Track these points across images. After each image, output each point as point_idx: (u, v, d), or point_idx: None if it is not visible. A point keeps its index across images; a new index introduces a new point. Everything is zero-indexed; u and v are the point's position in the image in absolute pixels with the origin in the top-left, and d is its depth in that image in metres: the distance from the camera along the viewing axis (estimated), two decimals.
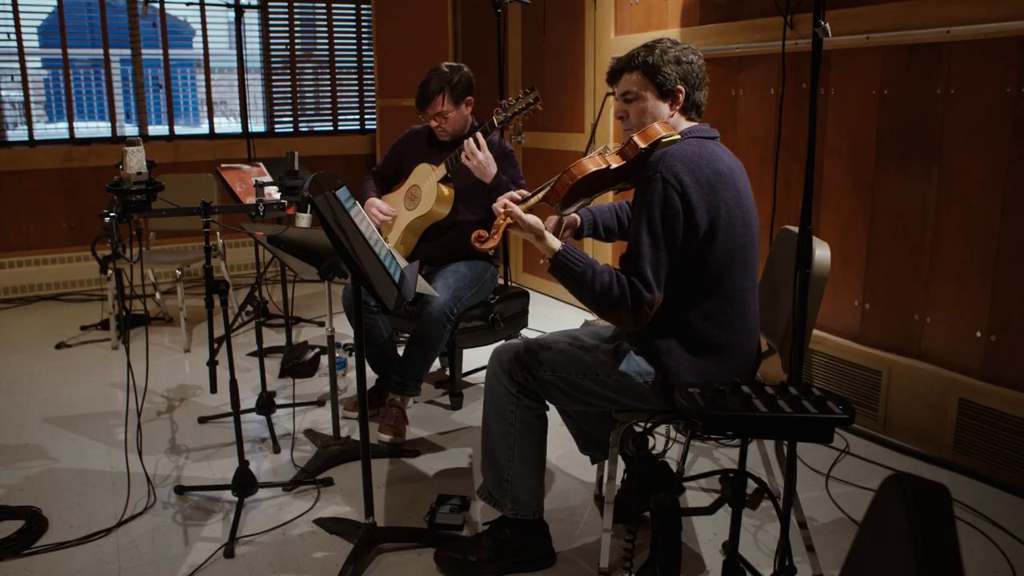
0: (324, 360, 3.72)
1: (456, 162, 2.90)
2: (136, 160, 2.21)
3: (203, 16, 5.30)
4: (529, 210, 1.95)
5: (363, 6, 5.77)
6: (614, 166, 1.87)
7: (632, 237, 1.82)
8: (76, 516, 2.39)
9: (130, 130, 5.35)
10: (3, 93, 4.91)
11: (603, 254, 4.46)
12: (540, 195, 1.95)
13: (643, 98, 1.93)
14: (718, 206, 1.81)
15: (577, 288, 1.85)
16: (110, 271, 3.79)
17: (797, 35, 3.08)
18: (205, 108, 5.49)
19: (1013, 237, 2.51)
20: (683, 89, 1.91)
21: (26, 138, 4.96)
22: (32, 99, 4.93)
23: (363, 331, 2.11)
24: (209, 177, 4.34)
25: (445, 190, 2.99)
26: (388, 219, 3.11)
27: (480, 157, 2.80)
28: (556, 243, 1.89)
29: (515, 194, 2.01)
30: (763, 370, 3.21)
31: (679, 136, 1.88)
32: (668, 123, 1.91)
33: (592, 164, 1.86)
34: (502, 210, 1.93)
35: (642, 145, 1.85)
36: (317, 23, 5.73)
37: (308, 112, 5.84)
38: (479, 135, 2.82)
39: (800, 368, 1.86)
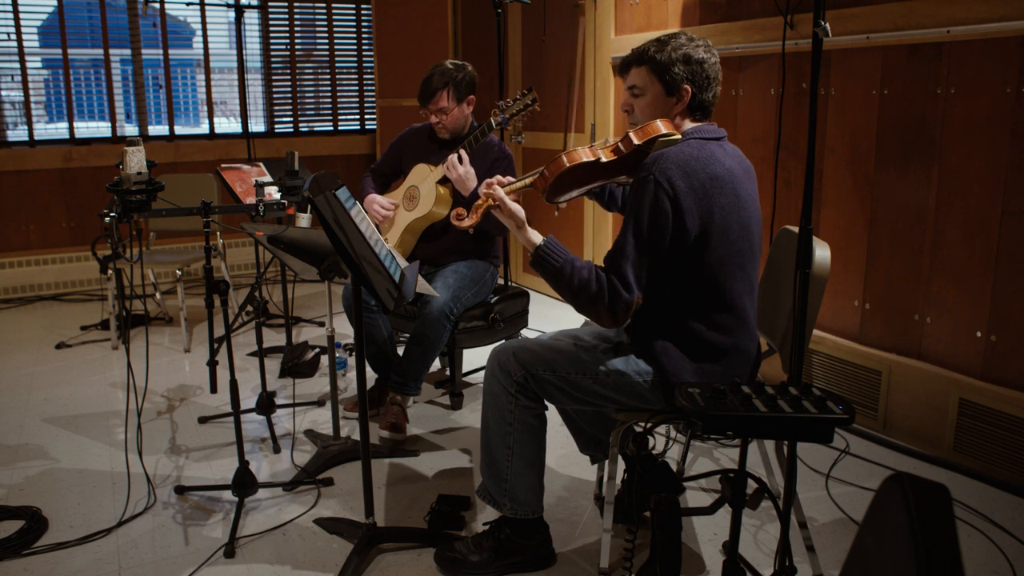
0: (324, 360, 3.72)
1: None
2: (136, 160, 2.20)
3: (203, 16, 5.30)
4: (518, 198, 1.95)
5: (363, 6, 5.77)
6: (604, 160, 1.85)
7: (619, 235, 1.82)
8: (76, 516, 2.39)
9: (130, 130, 5.35)
10: (3, 93, 4.91)
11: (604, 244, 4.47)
12: (528, 180, 1.94)
13: (648, 94, 1.92)
14: (711, 211, 1.79)
15: (556, 282, 1.86)
16: (110, 271, 3.79)
17: (797, 35, 3.08)
18: (205, 108, 5.49)
19: (1013, 237, 2.51)
20: (689, 89, 1.89)
21: (26, 138, 4.96)
22: (32, 99, 4.93)
23: (363, 331, 2.11)
24: (209, 177, 4.34)
25: (443, 191, 2.99)
26: (390, 214, 3.11)
27: (460, 171, 2.84)
28: (537, 237, 1.90)
29: (502, 178, 2.02)
30: (763, 370, 3.21)
31: (680, 136, 1.87)
32: (671, 122, 1.90)
33: (584, 155, 1.85)
34: (485, 190, 1.95)
35: (637, 141, 1.83)
36: (317, 23, 5.73)
37: (308, 112, 5.84)
38: (462, 151, 2.86)
39: (800, 368, 1.86)
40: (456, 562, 2.08)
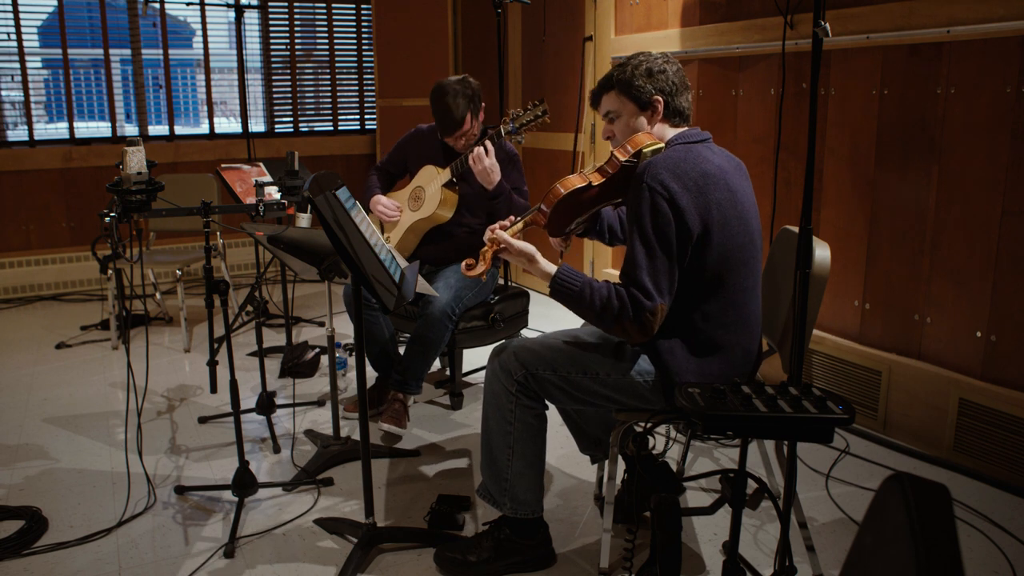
0: (324, 360, 3.72)
1: (463, 166, 2.90)
2: (136, 160, 2.20)
3: (203, 16, 5.30)
4: (523, 236, 1.97)
5: (363, 6, 5.77)
6: (595, 183, 1.89)
7: (628, 249, 1.84)
8: (76, 516, 2.39)
9: (130, 130, 5.35)
10: (3, 93, 4.91)
11: (605, 257, 4.47)
12: (528, 217, 1.97)
13: (624, 114, 1.97)
14: (709, 207, 1.80)
15: (577, 306, 1.87)
16: (110, 271, 3.79)
17: (797, 35, 3.08)
18: (205, 108, 5.49)
19: (1013, 237, 2.51)
20: (661, 99, 1.93)
21: (26, 138, 4.96)
22: (32, 99, 4.93)
23: (365, 330, 2.11)
24: (209, 177, 4.34)
25: (450, 194, 2.99)
26: (396, 216, 3.11)
27: (486, 163, 2.82)
28: (550, 267, 1.91)
29: (503, 221, 2.03)
30: (763, 370, 3.21)
31: (663, 145, 1.90)
32: (651, 133, 1.94)
33: (577, 181, 1.89)
34: (489, 235, 1.96)
35: (621, 158, 1.87)
36: (317, 23, 5.73)
37: (308, 112, 5.84)
38: (488, 143, 2.83)
39: (800, 368, 1.86)
40: (456, 562, 2.08)
